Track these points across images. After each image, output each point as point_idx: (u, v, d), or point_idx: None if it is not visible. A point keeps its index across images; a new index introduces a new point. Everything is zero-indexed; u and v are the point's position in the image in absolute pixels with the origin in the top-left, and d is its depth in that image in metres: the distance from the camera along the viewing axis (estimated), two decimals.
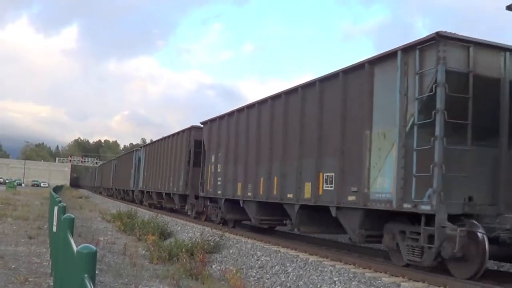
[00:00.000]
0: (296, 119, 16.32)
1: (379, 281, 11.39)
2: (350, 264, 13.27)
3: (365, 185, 12.68)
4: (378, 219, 12.86)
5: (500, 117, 10.78)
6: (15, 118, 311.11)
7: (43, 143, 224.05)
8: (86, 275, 3.99)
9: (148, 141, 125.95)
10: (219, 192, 22.48)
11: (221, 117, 23.01)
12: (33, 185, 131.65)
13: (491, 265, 13.54)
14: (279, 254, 15.33)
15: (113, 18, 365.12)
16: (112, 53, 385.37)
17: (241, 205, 20.12)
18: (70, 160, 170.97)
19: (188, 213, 28.18)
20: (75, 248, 4.76)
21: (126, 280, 13.41)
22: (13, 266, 13.30)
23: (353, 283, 11.74)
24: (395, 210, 11.81)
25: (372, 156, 12.56)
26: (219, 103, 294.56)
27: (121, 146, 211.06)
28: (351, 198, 13.24)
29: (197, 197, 26.43)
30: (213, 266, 16.28)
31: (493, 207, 11.25)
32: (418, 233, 11.42)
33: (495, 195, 11.06)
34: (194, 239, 18.78)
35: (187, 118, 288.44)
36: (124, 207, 37.09)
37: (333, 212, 14.02)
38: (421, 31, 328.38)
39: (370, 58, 13.14)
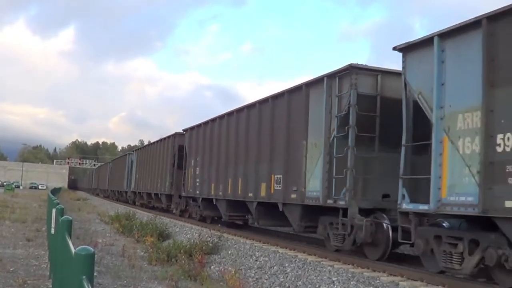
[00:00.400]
0: (255, 130, 19.29)
1: (378, 281, 11.40)
2: (348, 264, 13.29)
3: (302, 185, 15.53)
4: (314, 213, 15.55)
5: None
6: (13, 120, 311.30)
7: (41, 145, 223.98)
8: (84, 277, 3.99)
9: (146, 143, 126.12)
10: (197, 192, 25.67)
11: (199, 126, 26.23)
12: (31, 188, 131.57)
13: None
14: (278, 255, 15.34)
15: (110, 20, 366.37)
16: (110, 55, 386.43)
17: (214, 203, 23.17)
18: (68, 162, 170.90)
19: (173, 212, 31.30)
20: (73, 250, 4.76)
21: (125, 281, 13.40)
22: (11, 269, 13.29)
23: (351, 282, 11.75)
24: (322, 205, 14.62)
25: (307, 162, 15.41)
26: (217, 104, 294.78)
27: (119, 148, 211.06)
28: (293, 196, 16.15)
29: (180, 197, 29.56)
30: (212, 267, 16.29)
31: None
32: (343, 224, 14.02)
33: None
34: (192, 240, 18.78)
35: (185, 120, 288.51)
36: (122, 208, 37.07)
37: (280, 207, 16.85)
38: (419, 32, 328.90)
39: (306, 81, 16.09)
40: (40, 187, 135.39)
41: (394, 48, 12.55)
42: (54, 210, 11.39)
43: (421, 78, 11.79)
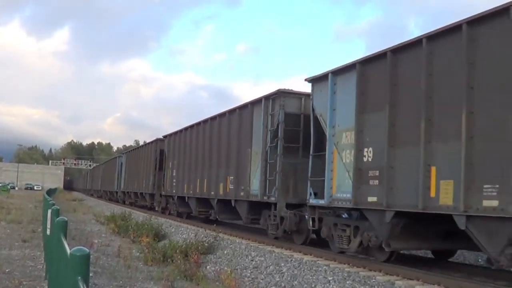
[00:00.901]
0: (216, 139, 22.84)
1: (374, 280, 11.43)
2: (344, 264, 13.32)
3: (248, 185, 18.91)
4: (257, 208, 18.88)
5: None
6: (8, 121, 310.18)
7: (36, 146, 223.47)
8: (79, 277, 4.00)
9: (141, 143, 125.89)
10: (174, 191, 29.23)
11: (176, 133, 29.82)
12: (26, 188, 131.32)
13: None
14: (274, 254, 15.36)
15: (105, 20, 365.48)
16: (105, 56, 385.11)
17: (186, 201, 26.60)
18: (64, 163, 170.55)
19: (156, 209, 34.77)
20: (68, 251, 4.77)
21: (121, 282, 13.41)
22: (7, 270, 13.28)
23: (347, 282, 11.77)
24: (261, 201, 18.02)
25: (251, 166, 18.78)
26: (212, 105, 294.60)
27: (115, 149, 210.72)
28: (241, 193, 19.48)
29: (161, 195, 32.97)
30: (208, 267, 16.30)
31: None
32: (275, 216, 17.31)
33: None
34: (188, 240, 18.80)
35: (180, 120, 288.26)
36: (118, 209, 37.09)
37: (233, 203, 20.29)
38: (414, 32, 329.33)
39: (251, 100, 19.40)
40: (35, 187, 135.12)
41: (306, 80, 15.79)
42: (49, 211, 11.39)
43: (321, 103, 14.91)
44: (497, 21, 9.76)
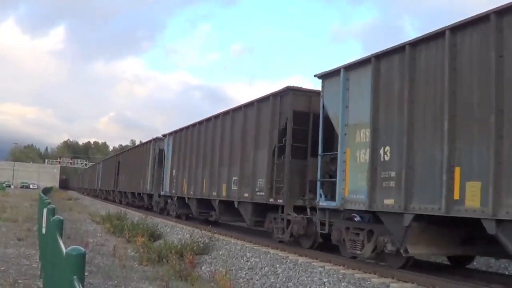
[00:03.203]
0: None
1: (368, 282, 11.45)
2: (339, 265, 13.33)
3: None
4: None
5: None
6: (2, 120, 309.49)
7: (32, 145, 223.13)
8: (75, 277, 4.01)
9: (137, 143, 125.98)
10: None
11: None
12: (22, 187, 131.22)
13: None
14: (269, 255, 15.37)
15: (100, 19, 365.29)
16: (99, 55, 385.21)
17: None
18: (59, 162, 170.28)
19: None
20: (64, 250, 4.77)
21: (116, 281, 13.39)
22: (2, 268, 13.26)
23: (342, 284, 11.78)
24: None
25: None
26: (206, 105, 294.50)
27: (111, 148, 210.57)
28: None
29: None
30: (203, 268, 16.30)
31: None
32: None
33: None
34: (183, 241, 18.80)
35: (173, 120, 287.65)
36: (113, 208, 37.06)
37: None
38: (410, 33, 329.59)
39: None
40: (31, 186, 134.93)
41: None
42: (45, 210, 11.38)
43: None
44: None
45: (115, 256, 17.45)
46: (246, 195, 19.01)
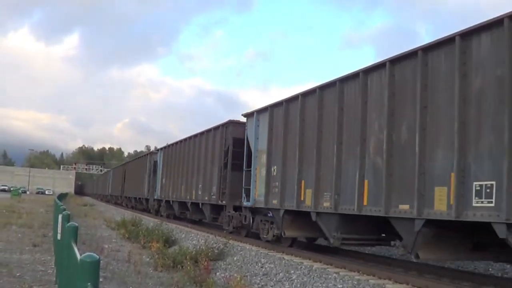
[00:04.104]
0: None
1: None
2: (354, 271, 13.27)
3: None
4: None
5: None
6: (18, 126, 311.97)
7: (47, 151, 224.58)
8: (89, 284, 4.01)
9: (152, 149, 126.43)
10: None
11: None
12: (37, 193, 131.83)
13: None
14: (283, 261, 15.33)
15: (114, 26, 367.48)
16: (113, 61, 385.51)
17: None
18: (75, 168, 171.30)
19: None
20: (78, 257, 4.78)
21: (131, 287, 13.42)
22: (17, 274, 13.34)
23: None
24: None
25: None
26: (219, 110, 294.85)
27: (126, 154, 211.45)
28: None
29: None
30: (217, 274, 16.28)
31: None
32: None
33: None
34: (198, 247, 18.80)
35: (188, 126, 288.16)
36: (128, 214, 37.22)
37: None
38: (424, 38, 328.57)
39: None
40: (46, 192, 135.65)
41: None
42: (60, 216, 11.42)
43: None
44: None
45: (130, 262, 17.50)
46: (206, 198, 25.50)
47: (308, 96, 16.24)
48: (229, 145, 22.83)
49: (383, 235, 14.95)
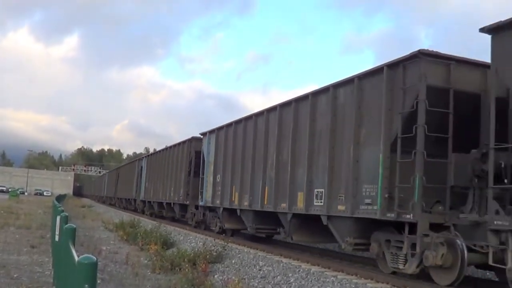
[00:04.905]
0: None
1: None
2: (352, 275, 13.24)
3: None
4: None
5: None
6: (17, 127, 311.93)
7: (46, 152, 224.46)
8: (86, 285, 4.01)
9: (151, 151, 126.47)
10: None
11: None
12: (36, 194, 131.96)
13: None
14: (281, 264, 15.32)
15: (115, 27, 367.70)
16: (113, 62, 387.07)
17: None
18: (73, 169, 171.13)
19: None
20: (76, 258, 4.78)
21: None
22: (15, 275, 13.32)
23: None
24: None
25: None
26: (220, 113, 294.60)
27: (125, 156, 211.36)
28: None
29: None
30: (216, 276, 16.26)
31: None
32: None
33: None
34: (196, 249, 18.79)
35: (187, 129, 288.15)
36: (126, 216, 37.22)
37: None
38: (424, 42, 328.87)
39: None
40: (45, 193, 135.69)
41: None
42: (58, 218, 11.41)
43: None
44: None
45: (128, 263, 17.49)
46: (176, 198, 31.95)
47: (238, 124, 21.72)
48: (192, 156, 28.85)
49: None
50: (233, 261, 17.35)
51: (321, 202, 14.63)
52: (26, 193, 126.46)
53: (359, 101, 13.44)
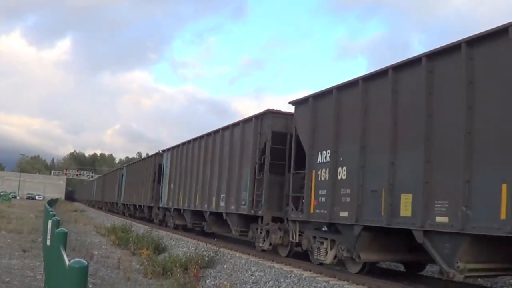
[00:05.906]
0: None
1: None
2: (343, 280, 13.26)
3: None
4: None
5: None
6: (9, 131, 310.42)
7: (38, 156, 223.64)
8: None
9: (144, 155, 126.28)
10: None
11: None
12: (28, 198, 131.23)
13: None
14: (273, 270, 15.32)
15: (107, 31, 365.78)
16: (105, 66, 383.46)
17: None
18: (66, 173, 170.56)
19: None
20: (67, 263, 4.77)
21: None
22: (6, 280, 13.28)
23: None
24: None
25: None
26: (212, 118, 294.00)
27: (117, 160, 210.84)
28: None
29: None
30: (207, 281, 16.24)
31: None
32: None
33: None
34: (188, 254, 18.76)
35: (180, 134, 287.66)
36: (119, 221, 37.14)
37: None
38: (417, 48, 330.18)
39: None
40: (37, 197, 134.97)
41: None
42: (50, 222, 11.39)
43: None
44: None
45: (120, 268, 17.45)
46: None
47: (184, 145, 27.92)
48: (157, 168, 30.92)
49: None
50: (225, 266, 17.34)
51: (223, 203, 21.24)
52: (18, 197, 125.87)
53: (242, 138, 20.14)
